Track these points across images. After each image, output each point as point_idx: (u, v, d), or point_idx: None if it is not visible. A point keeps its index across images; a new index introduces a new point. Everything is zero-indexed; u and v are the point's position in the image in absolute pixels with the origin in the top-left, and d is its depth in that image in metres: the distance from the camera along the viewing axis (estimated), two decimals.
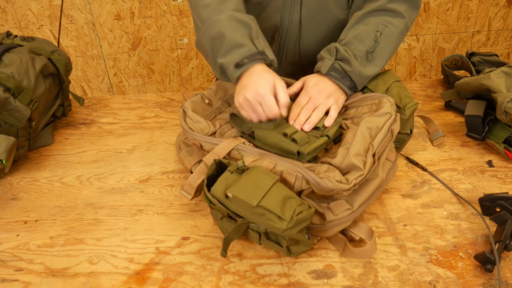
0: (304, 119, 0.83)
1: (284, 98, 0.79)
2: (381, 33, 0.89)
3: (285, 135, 0.79)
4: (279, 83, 0.80)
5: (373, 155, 0.74)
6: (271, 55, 0.84)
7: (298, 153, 0.76)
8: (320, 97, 0.85)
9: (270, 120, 0.81)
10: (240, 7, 0.87)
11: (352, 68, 0.87)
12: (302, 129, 0.82)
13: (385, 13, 0.91)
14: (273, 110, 0.78)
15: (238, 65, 0.81)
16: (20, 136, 0.95)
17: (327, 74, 0.88)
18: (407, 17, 0.92)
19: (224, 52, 0.82)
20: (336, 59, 0.88)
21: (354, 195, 0.74)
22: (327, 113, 0.85)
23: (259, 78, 0.79)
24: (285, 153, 0.77)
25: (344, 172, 0.71)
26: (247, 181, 0.66)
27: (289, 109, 0.84)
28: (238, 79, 0.83)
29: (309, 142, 0.78)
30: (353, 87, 0.89)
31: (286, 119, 0.84)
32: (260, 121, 0.81)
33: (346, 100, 0.90)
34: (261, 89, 0.78)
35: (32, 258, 0.75)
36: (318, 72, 0.90)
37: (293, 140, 0.78)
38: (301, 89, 0.90)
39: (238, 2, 0.88)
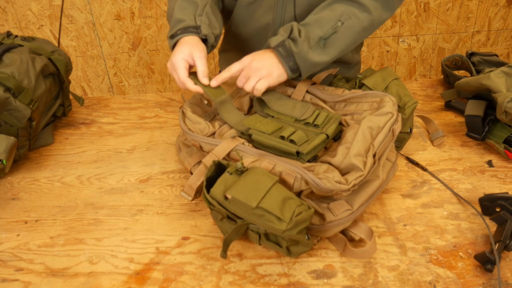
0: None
1: (200, 67, 0.84)
2: (342, 23, 0.86)
3: (282, 138, 0.79)
4: (197, 52, 0.85)
5: (374, 155, 0.74)
6: (205, 30, 0.89)
7: (297, 153, 0.76)
8: (251, 67, 0.84)
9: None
10: None
11: (298, 49, 0.83)
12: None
13: (353, 4, 0.88)
14: (180, 79, 0.84)
15: (172, 36, 0.89)
16: (20, 136, 0.95)
17: (274, 48, 0.85)
18: (374, 15, 0.89)
19: (171, 27, 0.92)
20: (288, 37, 0.85)
21: (354, 195, 0.74)
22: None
23: (179, 48, 0.86)
24: (284, 154, 0.77)
25: (343, 172, 0.71)
26: (246, 182, 0.65)
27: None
28: (173, 49, 0.90)
29: (308, 140, 0.78)
30: (296, 70, 0.86)
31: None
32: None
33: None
34: (174, 59, 0.85)
35: (32, 258, 0.75)
36: (268, 46, 0.87)
37: (291, 141, 0.78)
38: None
39: None
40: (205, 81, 0.85)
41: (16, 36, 1.07)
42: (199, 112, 0.88)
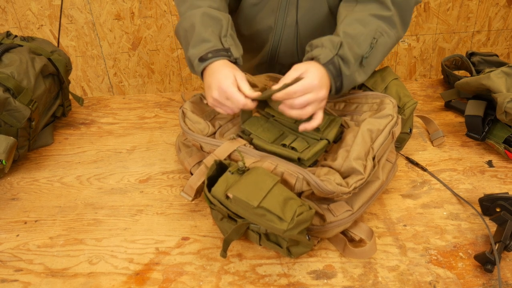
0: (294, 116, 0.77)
1: (247, 90, 0.78)
2: (377, 40, 0.83)
3: (284, 145, 0.78)
4: (239, 75, 0.79)
5: (373, 158, 0.74)
6: (236, 53, 0.84)
7: (299, 159, 0.76)
8: (318, 93, 0.76)
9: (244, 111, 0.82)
10: (216, 4, 0.89)
11: (350, 72, 0.80)
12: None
13: (383, 19, 0.84)
14: (240, 103, 0.77)
15: (202, 59, 0.82)
16: (20, 136, 0.95)
17: (325, 65, 0.78)
18: (400, 31, 0.87)
19: (193, 45, 0.84)
20: (337, 54, 0.79)
21: (354, 196, 0.74)
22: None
23: (220, 75, 0.79)
24: (285, 159, 0.77)
25: (344, 176, 0.71)
26: (247, 182, 0.65)
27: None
28: (202, 73, 0.84)
29: (309, 147, 0.78)
30: (339, 90, 0.82)
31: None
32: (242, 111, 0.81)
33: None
34: (223, 85, 0.78)
35: (32, 259, 0.75)
36: (315, 59, 0.79)
37: (293, 149, 0.78)
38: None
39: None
40: (250, 104, 0.78)
41: (16, 36, 1.07)
42: (199, 111, 0.88)
